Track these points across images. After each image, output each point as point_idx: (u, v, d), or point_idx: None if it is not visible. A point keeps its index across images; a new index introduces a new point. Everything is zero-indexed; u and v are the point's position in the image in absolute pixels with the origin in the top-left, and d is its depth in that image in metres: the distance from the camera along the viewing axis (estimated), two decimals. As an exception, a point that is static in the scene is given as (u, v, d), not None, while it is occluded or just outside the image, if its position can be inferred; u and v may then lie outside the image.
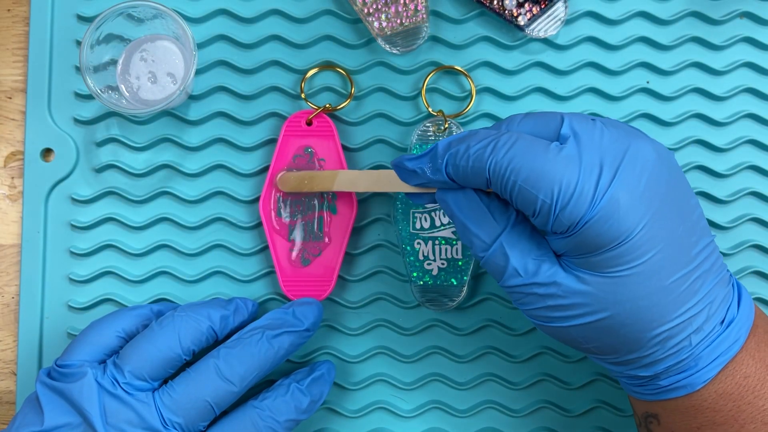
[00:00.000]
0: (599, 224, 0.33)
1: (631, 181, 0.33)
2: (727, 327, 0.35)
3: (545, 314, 0.36)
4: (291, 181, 0.45)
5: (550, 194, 0.33)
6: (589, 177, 0.33)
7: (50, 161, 0.47)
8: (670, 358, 0.35)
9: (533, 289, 0.35)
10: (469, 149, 0.35)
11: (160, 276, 0.47)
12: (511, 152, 0.34)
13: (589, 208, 0.33)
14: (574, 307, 0.35)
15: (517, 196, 0.34)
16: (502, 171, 0.34)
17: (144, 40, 0.45)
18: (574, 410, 0.46)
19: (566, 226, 0.34)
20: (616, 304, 0.34)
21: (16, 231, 0.48)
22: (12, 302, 0.47)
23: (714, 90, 0.47)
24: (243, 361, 0.40)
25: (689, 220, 0.35)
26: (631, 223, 0.33)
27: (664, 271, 0.34)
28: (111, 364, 0.40)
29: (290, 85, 0.47)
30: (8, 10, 0.49)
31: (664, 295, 0.34)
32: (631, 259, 0.33)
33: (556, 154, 0.34)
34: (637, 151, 0.34)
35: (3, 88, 0.48)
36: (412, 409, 0.47)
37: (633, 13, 0.47)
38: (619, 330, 0.35)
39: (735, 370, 0.35)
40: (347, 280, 0.47)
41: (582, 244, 0.34)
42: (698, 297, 0.34)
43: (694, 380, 0.35)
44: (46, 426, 0.39)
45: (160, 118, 0.47)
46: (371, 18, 0.45)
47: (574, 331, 0.35)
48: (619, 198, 0.33)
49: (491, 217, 0.36)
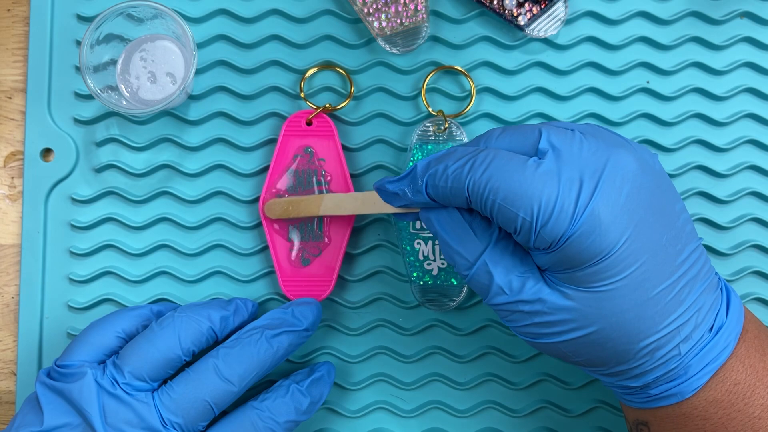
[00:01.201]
0: (581, 240, 0.33)
1: (612, 195, 0.33)
2: (716, 334, 0.35)
3: (532, 331, 0.36)
4: (277, 209, 0.45)
5: (530, 212, 0.33)
6: (569, 192, 0.33)
7: (50, 161, 0.47)
8: (659, 368, 0.35)
9: (519, 306, 0.35)
10: (447, 169, 0.35)
11: (160, 276, 0.47)
12: (489, 171, 0.34)
13: (570, 225, 0.33)
14: (561, 323, 0.35)
15: (497, 214, 0.34)
16: (481, 190, 0.34)
17: (144, 40, 0.45)
18: (574, 410, 0.46)
19: (548, 243, 0.33)
20: (602, 319, 0.34)
21: (16, 231, 0.48)
22: (12, 302, 0.47)
23: (714, 90, 0.47)
24: (242, 361, 0.40)
25: (674, 227, 0.35)
26: (613, 237, 0.33)
27: (648, 282, 0.33)
28: (111, 365, 0.40)
29: (290, 85, 0.47)
30: (8, 10, 0.49)
31: (650, 306, 0.34)
32: (615, 273, 0.33)
33: (534, 170, 0.33)
34: (617, 162, 0.34)
35: (3, 88, 0.48)
36: (412, 409, 0.47)
37: (633, 13, 0.47)
38: (606, 344, 0.34)
39: (725, 378, 0.35)
40: (347, 280, 0.47)
41: (565, 260, 0.34)
42: (685, 306, 0.34)
43: (684, 388, 0.35)
44: (45, 426, 0.39)
45: (160, 118, 0.47)
46: (371, 18, 0.45)
47: (563, 346, 0.35)
48: (600, 212, 0.33)
49: (473, 235, 0.36)
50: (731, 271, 0.47)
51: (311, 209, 0.44)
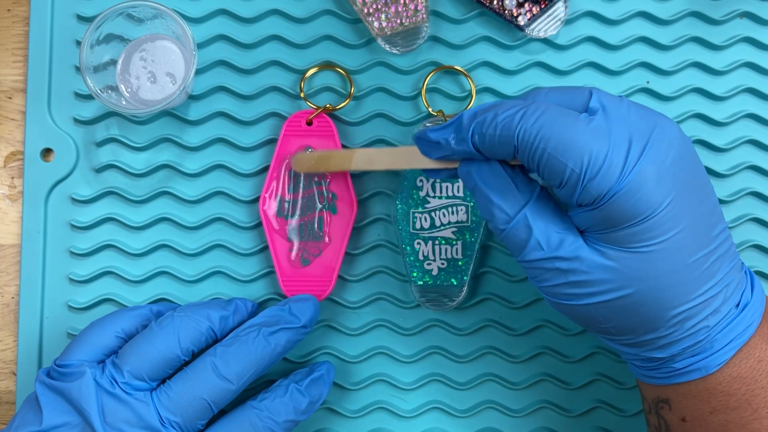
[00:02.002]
0: (626, 198, 0.33)
1: (659, 157, 0.33)
2: (743, 310, 0.35)
3: (565, 291, 0.35)
4: (305, 162, 0.44)
5: (579, 164, 0.33)
6: (619, 150, 0.33)
7: (50, 161, 0.47)
8: (687, 339, 0.35)
9: (555, 263, 0.35)
10: (497, 117, 0.35)
11: (160, 276, 0.47)
12: (540, 120, 0.34)
13: (617, 181, 0.33)
14: (597, 283, 0.34)
15: (545, 165, 0.34)
16: (531, 139, 0.34)
17: (144, 40, 0.45)
18: (574, 410, 0.46)
19: (593, 198, 0.33)
20: (639, 281, 0.34)
21: (16, 231, 0.48)
22: (12, 302, 0.47)
23: (714, 90, 0.47)
24: (240, 359, 0.40)
25: (709, 202, 0.35)
26: (657, 198, 0.33)
27: (686, 249, 0.34)
28: (110, 364, 0.40)
29: (290, 85, 0.47)
30: (8, 10, 0.49)
31: (686, 273, 0.34)
32: (656, 234, 0.33)
33: (586, 124, 0.33)
34: (663, 128, 0.34)
35: (3, 88, 0.48)
36: (412, 409, 0.47)
37: (633, 13, 0.47)
38: (639, 308, 0.34)
39: (749, 354, 0.35)
40: (347, 280, 0.47)
41: (607, 218, 0.34)
42: (716, 279, 0.35)
43: (709, 363, 0.35)
44: (45, 425, 0.39)
45: (160, 118, 0.47)
46: (371, 18, 0.45)
47: (594, 309, 0.35)
48: (647, 172, 0.33)
49: (515, 188, 0.36)
50: (731, 271, 0.47)
51: (342, 164, 0.43)
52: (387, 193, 0.47)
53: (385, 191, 0.47)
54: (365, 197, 0.47)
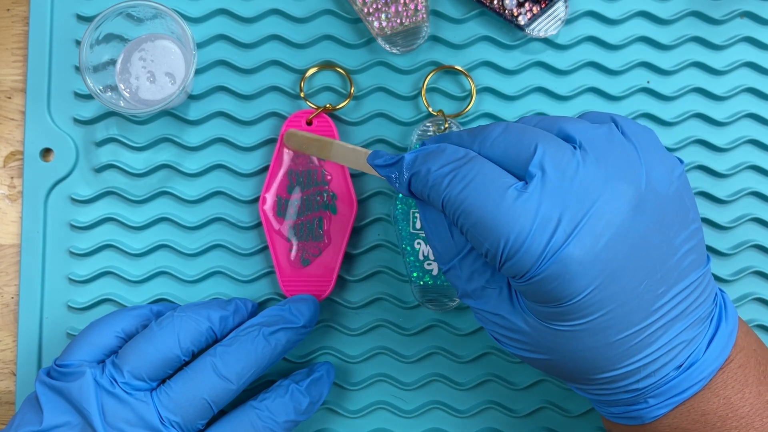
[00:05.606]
0: (544, 282, 0.31)
1: (588, 242, 0.31)
2: (685, 371, 0.34)
3: (496, 335, 0.36)
4: (294, 141, 0.45)
5: (495, 245, 0.32)
6: (542, 232, 0.31)
7: (50, 161, 0.47)
8: (616, 395, 0.35)
9: (482, 312, 0.36)
10: (429, 174, 0.34)
11: (159, 276, 0.47)
12: (466, 191, 0.33)
13: (535, 266, 0.31)
14: (518, 341, 0.35)
15: (467, 234, 0.33)
16: (454, 209, 0.33)
17: (143, 40, 0.45)
18: (574, 410, 0.46)
19: (512, 275, 0.33)
20: (556, 352, 0.34)
21: (15, 231, 0.48)
22: (12, 302, 0.47)
23: (714, 90, 0.47)
24: (240, 359, 0.40)
25: (663, 267, 0.33)
26: (578, 286, 0.31)
27: (611, 329, 0.32)
28: (110, 364, 0.40)
29: (290, 84, 0.47)
30: (8, 10, 0.49)
31: (608, 350, 0.33)
32: (575, 318, 0.32)
33: (512, 201, 0.31)
34: (608, 202, 0.31)
35: (2, 88, 0.48)
36: (412, 409, 0.47)
37: (633, 12, 0.47)
38: (561, 369, 0.35)
39: (692, 408, 0.34)
40: (347, 280, 0.47)
41: (527, 292, 0.33)
42: (655, 347, 0.33)
43: (643, 414, 0.35)
44: (45, 425, 0.39)
45: (159, 118, 0.47)
46: (371, 18, 0.45)
47: (522, 358, 0.36)
48: (571, 259, 0.31)
49: (450, 236, 0.36)
50: (731, 271, 0.47)
51: (322, 152, 0.44)
52: (387, 193, 0.47)
53: (385, 191, 0.46)
54: (365, 197, 0.47)
